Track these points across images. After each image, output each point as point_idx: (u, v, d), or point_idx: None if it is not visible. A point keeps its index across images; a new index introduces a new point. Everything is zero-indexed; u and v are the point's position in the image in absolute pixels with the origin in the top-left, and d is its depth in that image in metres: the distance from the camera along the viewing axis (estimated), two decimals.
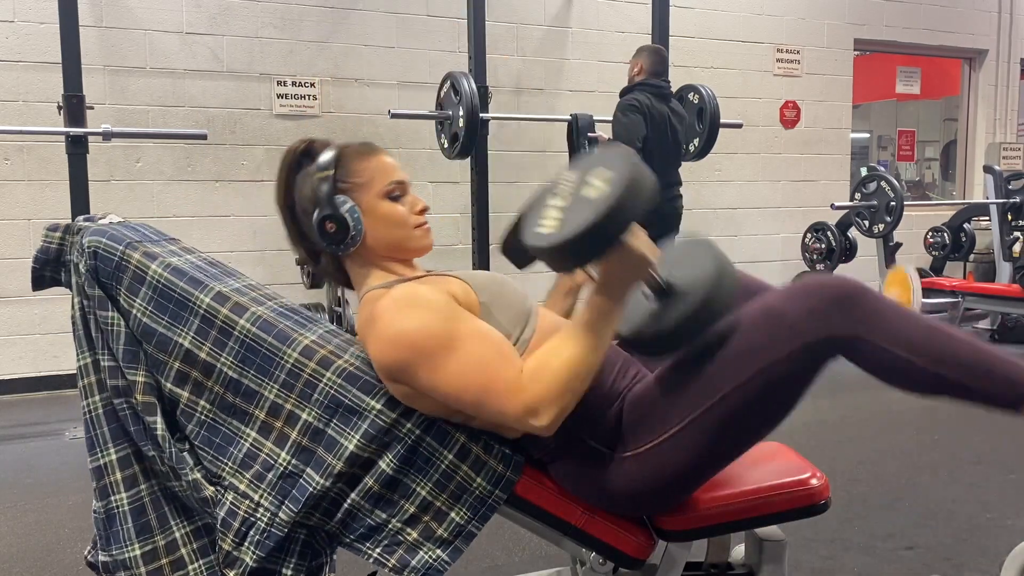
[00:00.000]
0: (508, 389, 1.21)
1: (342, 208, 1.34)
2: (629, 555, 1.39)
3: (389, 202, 1.39)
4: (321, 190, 1.33)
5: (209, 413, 1.36)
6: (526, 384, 1.22)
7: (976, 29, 7.14)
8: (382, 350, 1.25)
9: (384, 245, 1.39)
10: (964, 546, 2.37)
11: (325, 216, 1.33)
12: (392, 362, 1.25)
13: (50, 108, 4.10)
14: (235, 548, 1.31)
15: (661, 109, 4.16)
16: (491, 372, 1.22)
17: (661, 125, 4.16)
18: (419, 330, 1.23)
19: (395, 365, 1.25)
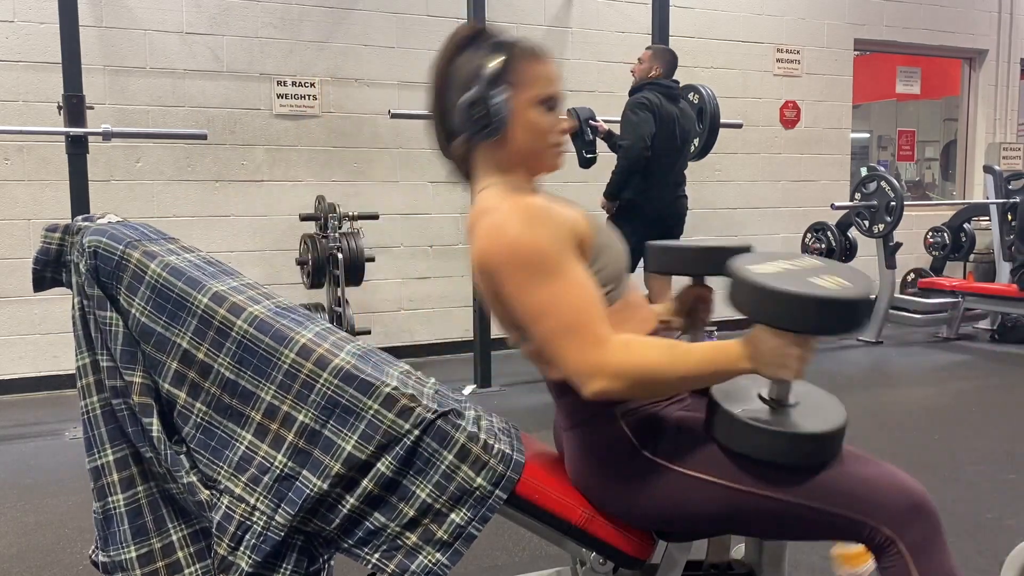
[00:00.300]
0: (590, 342, 1.20)
1: (495, 97, 1.32)
2: (629, 555, 1.39)
3: (540, 110, 1.37)
4: (482, 73, 1.32)
5: (205, 415, 1.35)
6: (611, 348, 1.20)
7: (976, 29, 7.14)
8: (490, 244, 1.26)
9: (520, 150, 1.38)
10: (964, 546, 2.37)
11: (476, 100, 1.31)
12: (492, 258, 1.26)
13: (50, 108, 4.10)
14: (231, 553, 1.31)
15: (670, 109, 4.19)
16: (583, 318, 1.21)
17: (669, 125, 4.19)
18: (533, 244, 1.23)
19: (493, 262, 1.26)
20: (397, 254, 5.27)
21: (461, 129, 1.35)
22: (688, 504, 1.31)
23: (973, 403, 4.11)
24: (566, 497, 1.38)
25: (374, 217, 4.85)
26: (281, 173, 4.98)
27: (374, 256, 4.72)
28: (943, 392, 4.32)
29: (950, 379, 4.64)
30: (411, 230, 5.29)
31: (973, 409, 3.99)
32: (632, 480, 1.33)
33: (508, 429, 1.51)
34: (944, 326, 5.90)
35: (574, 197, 5.14)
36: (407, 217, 5.27)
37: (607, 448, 1.34)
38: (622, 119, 4.23)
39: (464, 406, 1.46)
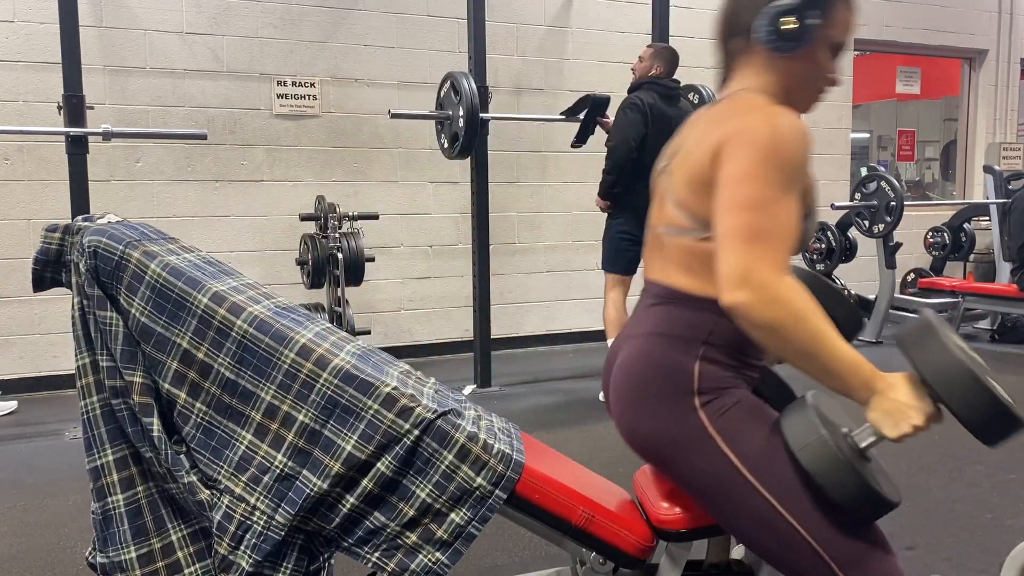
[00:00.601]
0: (770, 259, 1.18)
1: (809, 19, 1.30)
2: (629, 555, 1.39)
3: (830, 53, 1.37)
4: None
5: (205, 415, 1.35)
6: (784, 277, 1.18)
7: (976, 29, 7.14)
8: (757, 124, 1.24)
9: (795, 79, 1.37)
10: (964, 546, 2.37)
11: (791, 11, 1.29)
12: (749, 135, 1.23)
13: (50, 108, 4.10)
14: (231, 552, 1.31)
15: (665, 109, 4.12)
16: (779, 237, 1.20)
17: (663, 125, 4.08)
18: (791, 151, 1.22)
19: (745, 139, 1.23)
20: (397, 254, 5.27)
21: (755, 30, 1.33)
22: (692, 463, 1.29)
23: None
24: (566, 497, 1.37)
25: (374, 217, 4.85)
26: (281, 173, 4.98)
27: (374, 256, 4.72)
28: None
29: None
30: (411, 230, 5.29)
31: None
32: (666, 413, 1.31)
33: (508, 429, 1.51)
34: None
35: (572, 197, 5.10)
36: (407, 217, 5.27)
37: (666, 373, 1.32)
38: (614, 119, 4.21)
39: (464, 406, 1.47)
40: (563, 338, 5.76)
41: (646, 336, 1.37)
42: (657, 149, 4.24)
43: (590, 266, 5.81)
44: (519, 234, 5.57)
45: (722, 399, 1.30)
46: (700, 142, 1.31)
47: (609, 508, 1.40)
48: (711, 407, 1.29)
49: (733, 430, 1.28)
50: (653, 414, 1.33)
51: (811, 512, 1.24)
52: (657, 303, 1.39)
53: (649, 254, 1.46)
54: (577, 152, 5.67)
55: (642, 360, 1.35)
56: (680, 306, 1.34)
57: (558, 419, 3.95)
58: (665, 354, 1.33)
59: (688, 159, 1.33)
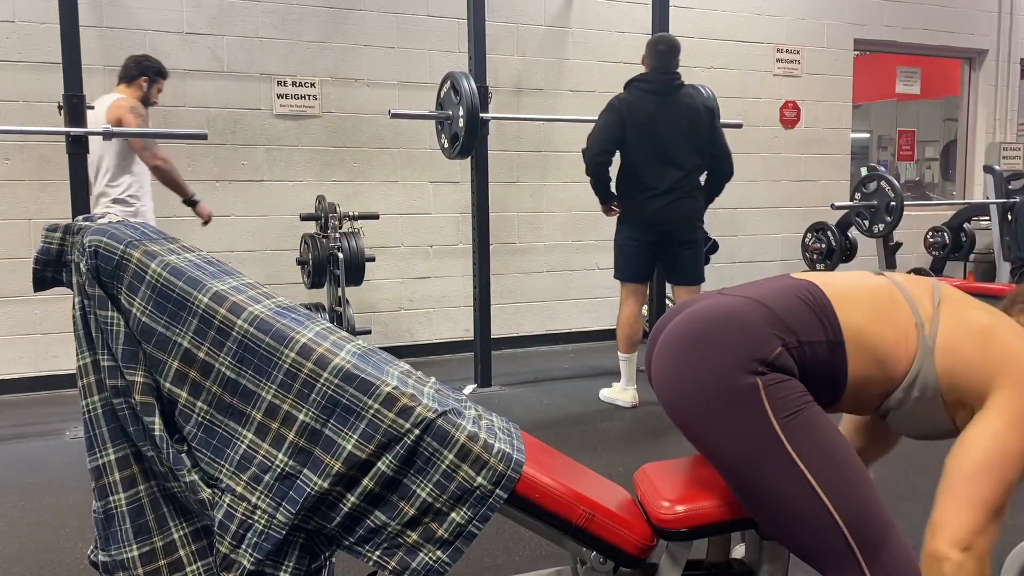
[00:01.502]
0: (989, 537, 1.29)
1: None
2: (630, 554, 1.39)
3: None
4: None
5: (206, 414, 1.35)
6: (987, 562, 1.28)
7: (976, 29, 7.14)
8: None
9: None
10: None
11: None
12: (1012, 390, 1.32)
13: (50, 108, 4.09)
14: (232, 551, 1.31)
15: (647, 105, 3.91)
16: (1001, 516, 1.30)
17: (645, 123, 3.91)
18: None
19: (1007, 389, 1.33)
20: (397, 254, 5.27)
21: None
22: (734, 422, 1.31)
23: None
24: (566, 496, 1.38)
25: (374, 217, 4.85)
26: (281, 173, 4.98)
27: (374, 256, 4.72)
28: None
29: None
30: (411, 230, 5.29)
31: None
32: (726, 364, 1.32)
33: (508, 428, 1.51)
34: None
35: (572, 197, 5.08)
36: (407, 217, 5.27)
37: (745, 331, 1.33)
38: None
39: (464, 406, 1.47)
40: (563, 338, 5.76)
41: (746, 300, 1.38)
42: (641, 150, 4.05)
43: (590, 266, 5.81)
44: (519, 234, 5.57)
45: (781, 375, 1.32)
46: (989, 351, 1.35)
47: (609, 507, 1.41)
48: (768, 377, 1.31)
49: (783, 400, 1.30)
50: (711, 364, 1.33)
51: (844, 493, 1.28)
52: (803, 298, 1.38)
53: (836, 276, 1.48)
54: (577, 152, 5.67)
55: (725, 315, 1.37)
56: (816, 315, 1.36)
57: (558, 419, 3.96)
58: (756, 321, 1.34)
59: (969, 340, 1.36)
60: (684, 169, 3.98)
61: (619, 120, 3.93)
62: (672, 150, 3.95)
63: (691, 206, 4.04)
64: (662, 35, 4.22)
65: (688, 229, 4.06)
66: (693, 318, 1.40)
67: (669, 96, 3.98)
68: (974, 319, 1.37)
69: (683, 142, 3.96)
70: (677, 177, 3.97)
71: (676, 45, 4.06)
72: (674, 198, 3.98)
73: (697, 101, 4.03)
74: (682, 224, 4.04)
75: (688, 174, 3.99)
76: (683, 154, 3.97)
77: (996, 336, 1.35)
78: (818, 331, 1.35)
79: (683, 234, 4.05)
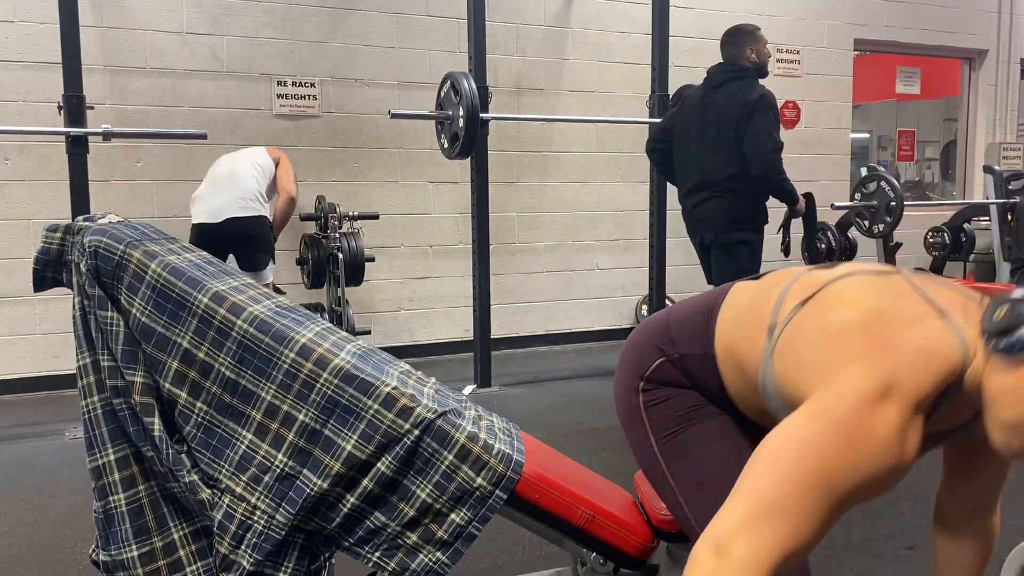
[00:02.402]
0: (765, 544, 0.96)
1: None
2: (630, 555, 1.39)
3: None
4: None
5: (206, 415, 1.35)
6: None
7: (976, 29, 7.14)
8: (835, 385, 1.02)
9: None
10: None
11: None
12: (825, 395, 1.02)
13: (50, 108, 4.10)
14: (232, 551, 1.31)
15: (697, 100, 3.85)
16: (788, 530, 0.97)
17: (687, 117, 3.86)
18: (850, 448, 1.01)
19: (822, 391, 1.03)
20: (397, 254, 5.27)
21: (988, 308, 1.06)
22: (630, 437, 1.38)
23: None
24: (566, 497, 1.38)
25: (374, 217, 4.85)
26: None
27: (374, 256, 4.72)
28: None
29: None
30: (411, 230, 5.29)
31: None
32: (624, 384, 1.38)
33: (508, 429, 1.51)
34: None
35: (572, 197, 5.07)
36: (407, 217, 5.27)
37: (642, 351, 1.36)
38: None
39: (464, 406, 1.47)
40: (563, 338, 5.76)
41: (664, 312, 1.43)
42: (681, 145, 3.91)
43: (590, 266, 5.81)
44: (519, 234, 5.57)
45: (665, 391, 1.34)
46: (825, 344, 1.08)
47: (609, 508, 1.41)
48: (649, 395, 1.34)
49: (662, 419, 1.33)
50: (617, 384, 1.41)
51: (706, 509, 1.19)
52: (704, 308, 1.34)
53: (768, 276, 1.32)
54: (577, 152, 5.69)
55: (636, 332, 1.44)
56: (702, 327, 1.32)
57: (558, 419, 3.95)
58: (647, 336, 1.39)
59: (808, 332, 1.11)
60: (708, 168, 3.79)
61: (673, 112, 3.98)
62: (698, 148, 3.83)
63: (720, 206, 3.78)
64: (736, 25, 3.99)
65: (716, 231, 3.82)
66: (631, 334, 1.46)
67: (714, 90, 3.81)
68: (826, 317, 1.09)
69: (709, 140, 3.78)
70: (701, 177, 3.81)
71: (739, 31, 3.88)
72: (701, 198, 3.83)
73: (735, 95, 3.74)
74: (709, 226, 3.85)
75: (712, 173, 3.77)
76: (708, 153, 3.79)
77: (841, 336, 1.06)
78: (697, 343, 1.30)
79: (712, 236, 3.84)
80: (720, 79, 3.80)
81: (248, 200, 4.17)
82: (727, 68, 3.82)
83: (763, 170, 3.71)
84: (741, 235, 3.80)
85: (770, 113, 3.70)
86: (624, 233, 5.84)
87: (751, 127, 3.67)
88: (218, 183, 4.21)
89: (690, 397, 1.33)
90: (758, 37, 3.88)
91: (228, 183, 4.18)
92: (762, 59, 3.88)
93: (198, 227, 4.17)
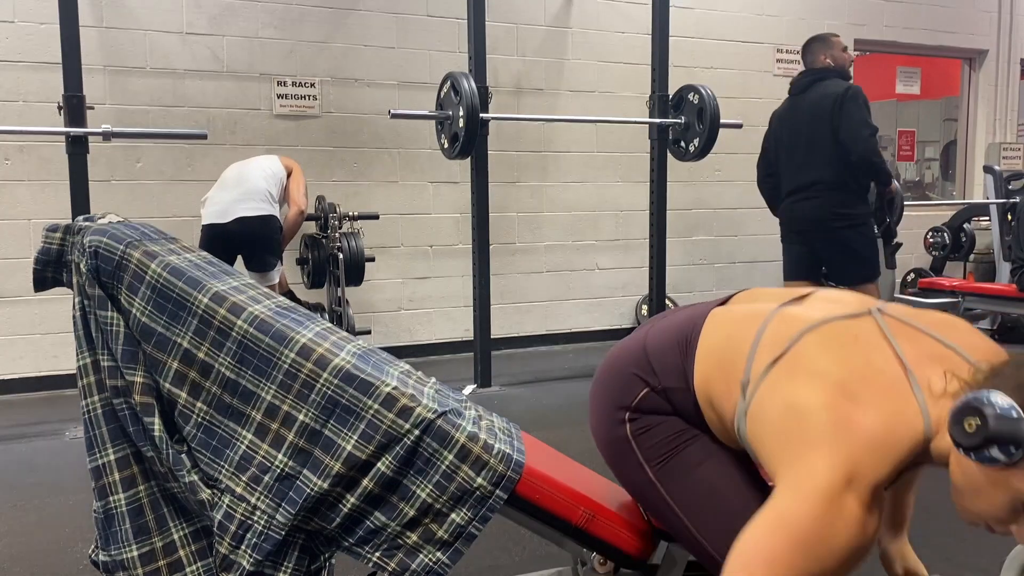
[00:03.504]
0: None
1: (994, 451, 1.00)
2: (630, 555, 1.39)
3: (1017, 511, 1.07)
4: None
5: (206, 415, 1.35)
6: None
7: (976, 29, 7.14)
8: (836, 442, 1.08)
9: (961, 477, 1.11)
10: (964, 546, 2.37)
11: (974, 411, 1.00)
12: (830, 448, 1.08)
13: (50, 108, 4.09)
14: (232, 551, 1.31)
15: (787, 109, 4.02)
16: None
17: (776, 128, 4.02)
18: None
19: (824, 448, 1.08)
20: (397, 254, 5.27)
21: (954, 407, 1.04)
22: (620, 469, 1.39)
23: None
24: (567, 497, 1.38)
25: (374, 217, 4.85)
26: None
27: (374, 256, 4.72)
28: None
29: None
30: (411, 230, 5.29)
31: None
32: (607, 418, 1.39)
33: (508, 429, 1.51)
34: None
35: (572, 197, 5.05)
36: (407, 217, 5.27)
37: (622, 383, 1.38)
38: None
39: (464, 406, 1.47)
40: (563, 338, 5.76)
41: (635, 341, 1.43)
42: (780, 147, 3.97)
43: (590, 266, 5.81)
44: (519, 234, 5.57)
45: (652, 418, 1.35)
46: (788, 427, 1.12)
47: (610, 508, 1.41)
48: (636, 424, 1.35)
49: (653, 447, 1.34)
50: (600, 417, 1.42)
51: (718, 533, 1.27)
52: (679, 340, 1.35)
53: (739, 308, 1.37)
54: (577, 152, 5.69)
55: (613, 361, 1.44)
56: (680, 361, 1.33)
57: (558, 419, 3.95)
58: (627, 367, 1.39)
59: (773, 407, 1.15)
60: (804, 169, 3.89)
61: (770, 127, 4.02)
62: (794, 151, 3.94)
63: (818, 205, 3.87)
64: (817, 34, 4.16)
65: (819, 231, 3.93)
66: (607, 360, 1.47)
67: (799, 95, 3.97)
68: (793, 393, 1.13)
69: (803, 141, 3.89)
70: (798, 178, 3.92)
71: (817, 38, 4.00)
72: (797, 199, 3.96)
73: (823, 93, 3.86)
74: (812, 226, 3.95)
75: (808, 173, 3.88)
76: (804, 154, 3.89)
77: (806, 419, 1.09)
78: (678, 378, 1.33)
79: (816, 235, 3.95)
80: (804, 84, 3.96)
81: (257, 200, 4.17)
82: (808, 73, 3.97)
83: (862, 154, 3.77)
84: (846, 232, 3.90)
85: (860, 100, 3.81)
86: (624, 233, 5.84)
87: (843, 116, 3.77)
88: (227, 185, 4.21)
89: (674, 422, 1.35)
90: (832, 42, 4.03)
91: (237, 184, 4.19)
92: (838, 62, 4.01)
93: (207, 228, 4.17)
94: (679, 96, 4.72)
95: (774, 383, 1.17)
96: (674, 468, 1.33)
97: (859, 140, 3.74)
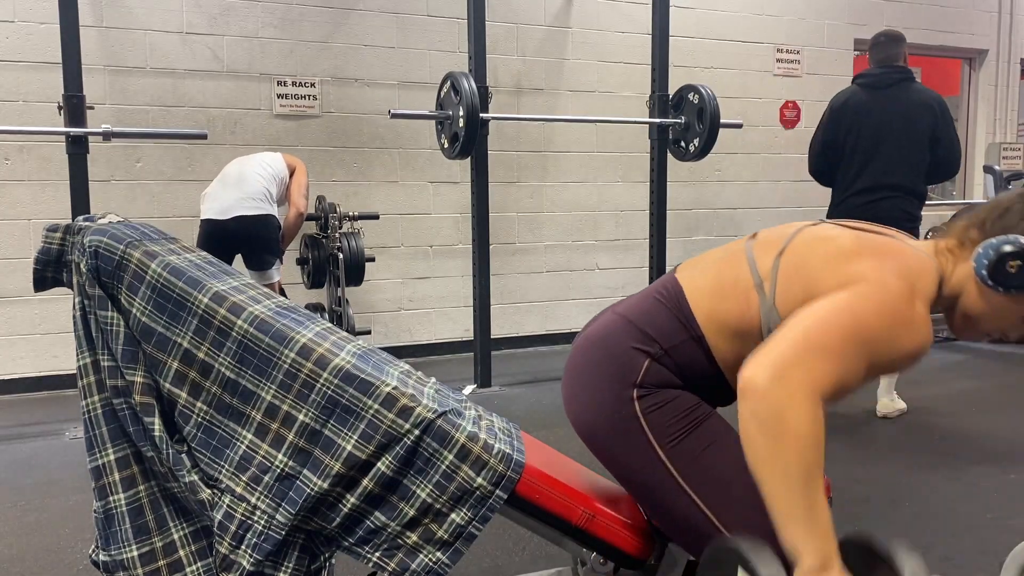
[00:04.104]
0: (815, 374, 1.13)
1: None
2: (630, 555, 1.39)
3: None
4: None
5: (206, 415, 1.35)
6: (815, 398, 1.13)
7: (976, 29, 7.14)
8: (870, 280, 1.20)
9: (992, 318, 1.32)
10: (964, 546, 2.37)
11: (1015, 255, 1.23)
12: (864, 284, 1.20)
13: (50, 108, 4.10)
14: (232, 551, 1.31)
15: (866, 102, 3.76)
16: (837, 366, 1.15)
17: (851, 122, 3.78)
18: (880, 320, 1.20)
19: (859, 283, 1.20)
20: (397, 254, 5.27)
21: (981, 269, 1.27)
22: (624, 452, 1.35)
23: (973, 403, 4.11)
24: (566, 497, 1.38)
25: (374, 217, 4.85)
26: None
27: (374, 256, 4.72)
28: (943, 392, 4.33)
29: (950, 379, 4.64)
30: (411, 230, 5.29)
31: (973, 409, 3.99)
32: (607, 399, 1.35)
33: (508, 429, 1.51)
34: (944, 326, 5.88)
35: (572, 197, 5.07)
36: (407, 217, 5.27)
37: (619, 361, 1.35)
38: None
39: (464, 406, 1.47)
40: (563, 338, 5.76)
41: (616, 318, 1.41)
42: (846, 145, 3.82)
43: (590, 266, 5.81)
44: (519, 234, 5.57)
45: (662, 394, 1.33)
46: (833, 259, 1.26)
47: (610, 508, 1.41)
48: (646, 401, 1.33)
49: (665, 426, 1.32)
50: (596, 398, 1.38)
51: (732, 514, 1.27)
52: (661, 299, 1.39)
53: (704, 258, 1.44)
54: (577, 152, 5.69)
55: (600, 342, 1.40)
56: (673, 314, 1.35)
57: (558, 419, 3.94)
58: (621, 342, 1.37)
59: (812, 259, 1.28)
60: (889, 169, 3.75)
61: (830, 119, 3.84)
62: (877, 148, 3.78)
63: (897, 206, 3.75)
64: (885, 29, 4.00)
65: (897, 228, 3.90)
66: (583, 345, 1.44)
67: (883, 91, 3.77)
68: (824, 249, 1.28)
69: (892, 141, 3.73)
70: (879, 177, 3.77)
71: (895, 36, 3.84)
72: (874, 198, 3.77)
73: (917, 100, 3.74)
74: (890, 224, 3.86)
75: (893, 174, 3.75)
76: (890, 153, 3.75)
77: (850, 252, 1.25)
78: (678, 332, 1.34)
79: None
80: (890, 80, 3.76)
81: (256, 199, 4.16)
82: (894, 71, 3.78)
83: (952, 174, 3.90)
84: (914, 231, 3.83)
85: (950, 115, 3.81)
86: (624, 233, 5.84)
87: (946, 133, 3.73)
88: (227, 181, 4.20)
89: (687, 398, 1.34)
90: (905, 42, 3.91)
91: (237, 182, 4.18)
92: (908, 63, 3.92)
93: (206, 223, 4.15)
94: (679, 96, 4.72)
95: (796, 259, 1.29)
96: (690, 445, 1.31)
97: (956, 162, 3.80)
